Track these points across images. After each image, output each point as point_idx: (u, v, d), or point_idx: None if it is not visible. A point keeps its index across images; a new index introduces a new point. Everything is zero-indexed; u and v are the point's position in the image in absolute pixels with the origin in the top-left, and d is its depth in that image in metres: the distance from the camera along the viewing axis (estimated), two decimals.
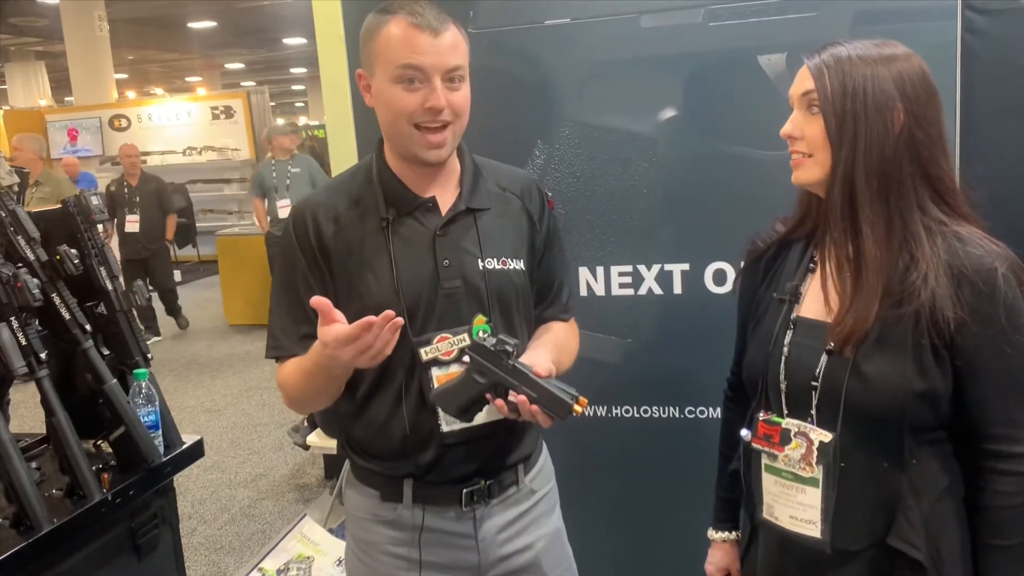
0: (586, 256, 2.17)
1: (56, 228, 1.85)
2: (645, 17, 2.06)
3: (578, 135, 2.14)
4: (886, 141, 1.19)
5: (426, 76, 1.32)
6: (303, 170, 6.71)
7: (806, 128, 1.24)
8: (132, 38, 15.50)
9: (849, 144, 1.19)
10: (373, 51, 1.35)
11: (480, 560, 1.46)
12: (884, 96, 1.18)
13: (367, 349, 1.21)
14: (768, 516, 1.31)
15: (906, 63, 1.21)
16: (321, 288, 1.39)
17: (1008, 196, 1.82)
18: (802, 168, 1.26)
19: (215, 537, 3.74)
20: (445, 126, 1.35)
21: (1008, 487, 1.19)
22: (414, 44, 1.31)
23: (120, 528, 1.84)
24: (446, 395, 1.34)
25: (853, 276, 1.22)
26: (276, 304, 1.44)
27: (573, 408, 1.26)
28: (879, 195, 1.20)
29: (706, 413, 2.14)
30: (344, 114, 2.26)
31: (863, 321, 1.19)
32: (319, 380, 1.36)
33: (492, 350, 1.29)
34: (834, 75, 1.20)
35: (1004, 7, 1.86)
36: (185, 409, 5.51)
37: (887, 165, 1.19)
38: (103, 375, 1.80)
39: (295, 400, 1.46)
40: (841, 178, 1.21)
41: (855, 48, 1.22)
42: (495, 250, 1.44)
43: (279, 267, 1.45)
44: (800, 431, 1.25)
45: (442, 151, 1.37)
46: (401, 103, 1.33)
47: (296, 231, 1.41)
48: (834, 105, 1.20)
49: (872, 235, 1.19)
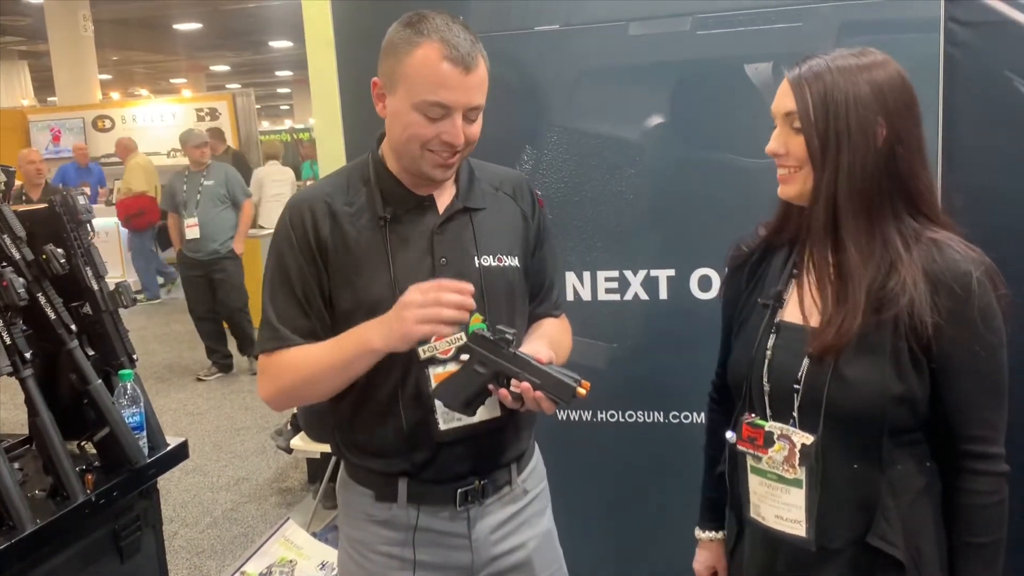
0: (573, 261, 2.18)
1: (42, 227, 1.84)
2: (633, 25, 2.07)
3: (566, 141, 2.15)
4: (868, 158, 1.20)
5: (449, 112, 1.32)
6: (217, 182, 5.84)
7: (790, 144, 1.25)
8: (117, 39, 15.41)
9: (832, 162, 1.20)
10: (399, 72, 1.33)
11: (473, 560, 1.47)
12: (866, 112, 1.19)
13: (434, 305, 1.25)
14: (755, 516, 1.33)
15: (885, 72, 1.21)
16: (317, 283, 1.40)
17: (989, 204, 1.86)
18: (791, 183, 1.27)
19: (197, 540, 3.72)
20: (455, 154, 1.36)
21: (983, 487, 1.22)
22: (445, 80, 1.29)
23: (103, 530, 1.83)
24: (448, 389, 1.34)
25: (836, 289, 1.23)
26: (272, 297, 1.42)
27: (577, 391, 1.27)
28: (861, 212, 1.21)
29: (691, 418, 2.16)
30: (332, 117, 2.26)
31: (846, 335, 1.20)
32: (341, 364, 1.36)
33: (492, 340, 1.30)
34: (815, 93, 1.20)
35: (986, 19, 1.90)
36: (167, 412, 5.47)
37: (869, 183, 1.20)
38: (88, 375, 1.80)
39: (293, 389, 1.42)
40: (824, 196, 1.22)
41: (835, 60, 1.22)
42: (491, 248, 1.45)
43: (275, 261, 1.43)
44: (783, 434, 1.27)
45: (449, 172, 1.40)
46: (419, 131, 1.33)
47: (293, 226, 1.41)
48: (816, 125, 1.20)
49: (856, 250, 1.21)
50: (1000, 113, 1.92)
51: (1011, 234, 1.82)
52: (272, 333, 1.41)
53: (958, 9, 1.90)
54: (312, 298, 1.40)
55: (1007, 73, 1.90)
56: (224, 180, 5.91)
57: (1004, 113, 1.91)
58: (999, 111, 1.92)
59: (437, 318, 1.26)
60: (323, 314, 1.41)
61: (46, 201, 1.89)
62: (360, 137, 1.49)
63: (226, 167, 6.26)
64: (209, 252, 5.80)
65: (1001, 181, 1.92)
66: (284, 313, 1.41)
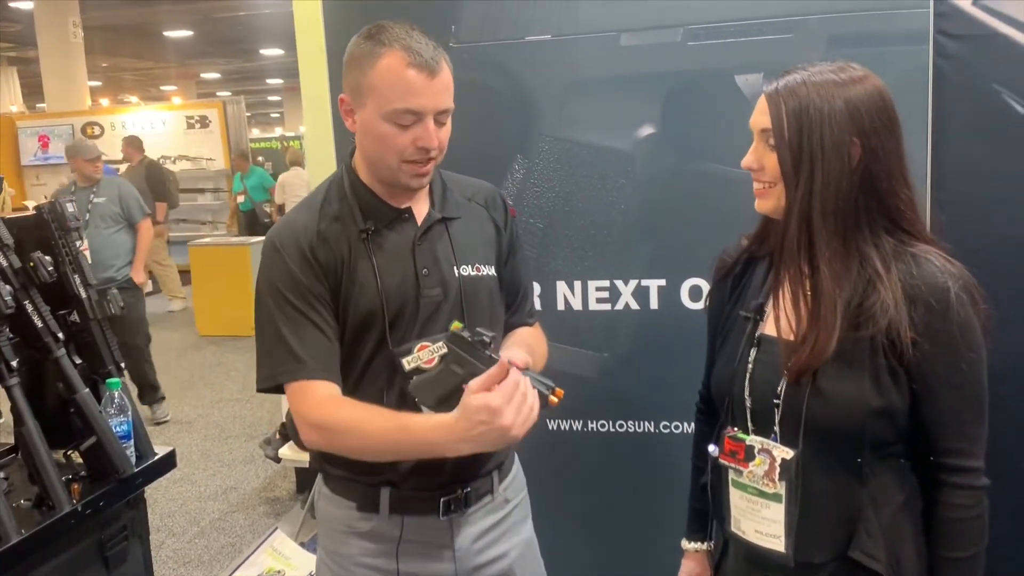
0: (563, 271, 2.19)
1: (30, 234, 1.83)
2: (624, 35, 2.08)
3: (557, 151, 2.15)
4: (842, 178, 1.19)
5: (420, 117, 1.32)
6: (109, 199, 5.14)
7: (765, 160, 1.25)
8: (107, 45, 15.36)
9: (805, 182, 1.19)
10: (365, 84, 1.33)
11: (456, 569, 1.46)
12: (840, 131, 1.18)
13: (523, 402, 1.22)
14: (735, 530, 1.33)
15: (863, 88, 1.20)
16: (327, 304, 1.38)
17: (979, 218, 1.87)
18: (766, 198, 1.27)
19: (184, 550, 3.69)
20: (429, 160, 1.37)
21: (963, 500, 1.22)
22: (412, 87, 1.30)
23: (89, 540, 1.82)
24: (423, 386, 1.35)
25: (811, 307, 1.23)
26: (286, 327, 1.36)
27: (549, 399, 1.27)
28: (836, 232, 1.20)
29: (680, 428, 2.16)
30: (324, 124, 2.26)
31: (820, 354, 1.20)
32: (401, 453, 1.35)
33: (470, 341, 1.30)
34: (790, 111, 1.19)
35: (975, 32, 1.91)
36: (155, 421, 5.43)
37: (844, 202, 1.19)
38: (75, 384, 1.78)
39: (347, 448, 1.38)
40: (797, 216, 1.21)
41: (812, 76, 1.21)
42: (468, 257, 1.46)
43: (275, 294, 1.38)
44: (764, 448, 1.27)
45: (425, 179, 1.40)
46: (393, 141, 1.33)
47: (288, 253, 1.38)
48: (790, 143, 1.20)
49: (830, 273, 1.20)
50: (988, 126, 1.93)
51: (1000, 245, 1.83)
52: (298, 364, 1.36)
53: (947, 22, 1.91)
54: (327, 317, 1.38)
55: (995, 86, 1.92)
56: (117, 197, 5.18)
57: (992, 126, 1.92)
58: (987, 124, 1.93)
59: (533, 413, 1.24)
60: (336, 329, 1.39)
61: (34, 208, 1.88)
62: (351, 145, 1.49)
63: (120, 182, 5.54)
64: (102, 280, 4.72)
65: (990, 192, 1.93)
66: (307, 341, 1.36)
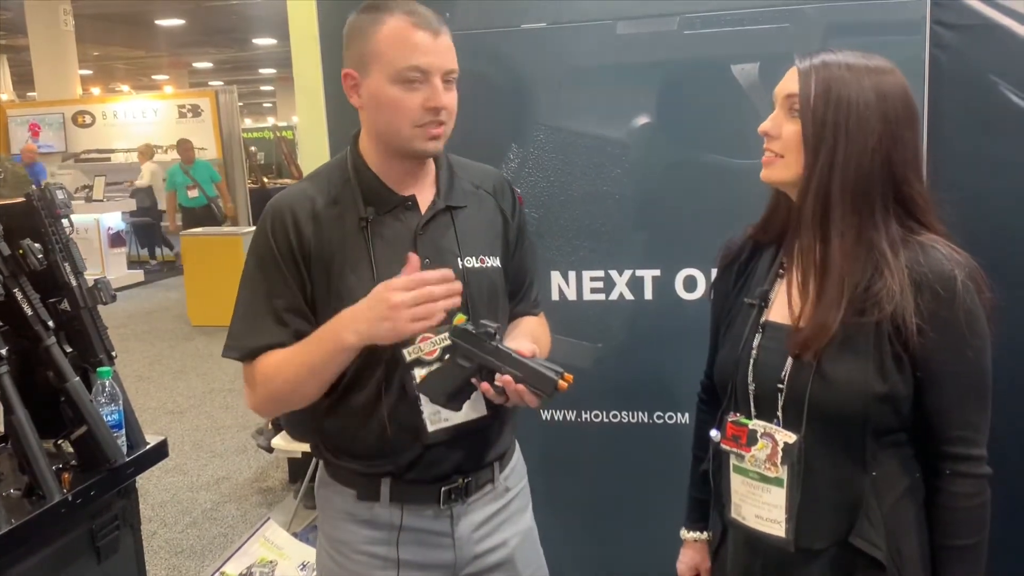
0: (558, 260, 2.18)
1: (19, 222, 1.81)
2: (621, 24, 2.07)
3: (552, 139, 2.15)
4: (864, 157, 1.20)
5: (427, 76, 1.31)
6: None
7: (784, 128, 1.25)
8: (98, 34, 15.27)
9: (827, 154, 1.20)
10: (368, 51, 1.33)
11: (456, 558, 1.46)
12: (867, 112, 1.20)
13: (426, 301, 1.24)
14: (736, 516, 1.33)
15: (892, 80, 1.22)
16: (299, 287, 1.38)
17: (974, 208, 1.87)
18: (772, 167, 1.28)
19: (176, 540, 3.68)
20: (441, 123, 1.35)
21: (966, 488, 1.22)
22: (418, 46, 1.30)
23: (80, 529, 1.80)
24: (432, 384, 1.33)
25: (818, 283, 1.23)
26: (251, 300, 1.40)
27: (559, 384, 1.26)
28: (852, 208, 1.21)
29: (675, 418, 2.16)
30: (317, 114, 2.25)
31: (823, 329, 1.20)
32: (318, 365, 1.34)
33: (475, 333, 1.29)
34: (820, 83, 1.21)
35: (971, 23, 1.91)
36: (147, 411, 5.41)
37: (863, 181, 1.20)
38: (65, 373, 1.77)
39: (278, 393, 1.40)
40: (816, 187, 1.22)
41: (846, 57, 1.23)
42: (473, 248, 1.44)
43: (254, 264, 1.41)
44: (766, 432, 1.27)
45: (440, 143, 1.38)
46: (403, 104, 1.32)
47: (274, 232, 1.38)
48: (814, 112, 1.21)
49: (840, 246, 1.21)
50: (984, 116, 1.93)
51: (995, 236, 1.83)
52: (236, 342, 1.40)
53: (943, 12, 1.91)
54: (291, 308, 1.38)
55: (991, 76, 1.92)
56: None
57: (988, 116, 1.93)
58: (983, 114, 1.93)
59: (432, 313, 1.25)
60: (305, 322, 1.39)
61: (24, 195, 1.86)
62: (344, 135, 1.48)
63: None
64: None
65: (985, 183, 1.93)
66: (267, 315, 1.38)
